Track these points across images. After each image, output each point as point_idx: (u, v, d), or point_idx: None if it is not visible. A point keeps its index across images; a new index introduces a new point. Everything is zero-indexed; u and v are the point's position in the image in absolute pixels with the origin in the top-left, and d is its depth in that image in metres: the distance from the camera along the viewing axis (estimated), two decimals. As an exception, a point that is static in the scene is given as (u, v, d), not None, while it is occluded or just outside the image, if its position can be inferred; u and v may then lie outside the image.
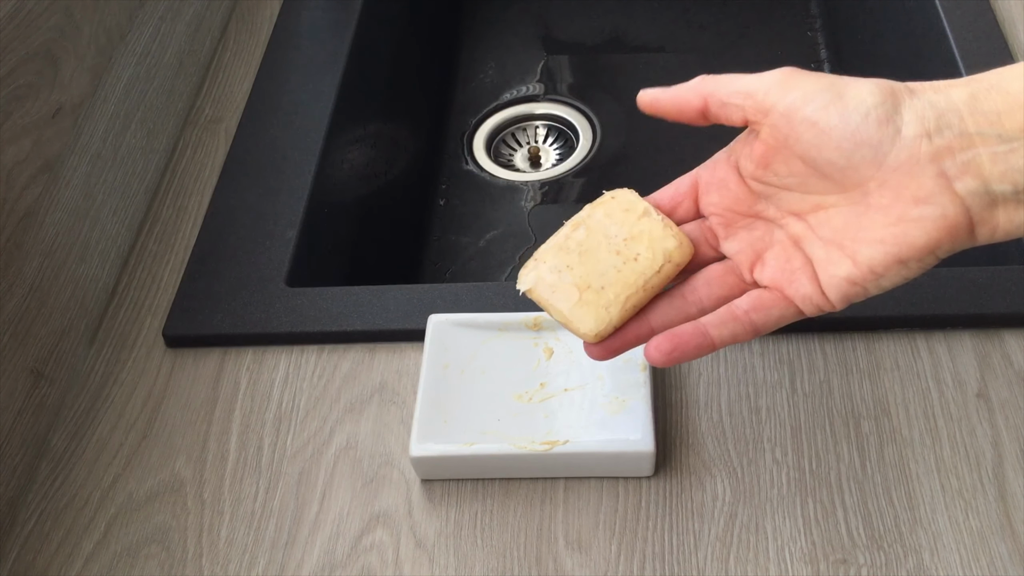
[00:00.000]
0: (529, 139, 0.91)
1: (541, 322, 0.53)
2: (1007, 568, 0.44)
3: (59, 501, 0.51)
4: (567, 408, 0.50)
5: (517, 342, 0.53)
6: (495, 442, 0.48)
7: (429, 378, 0.51)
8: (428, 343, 0.52)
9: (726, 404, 0.51)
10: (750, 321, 0.41)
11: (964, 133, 0.36)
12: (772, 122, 0.39)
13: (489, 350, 0.52)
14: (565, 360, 0.52)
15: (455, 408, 0.50)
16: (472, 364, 0.52)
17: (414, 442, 0.48)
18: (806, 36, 0.95)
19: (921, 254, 0.37)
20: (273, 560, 0.47)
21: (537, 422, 0.49)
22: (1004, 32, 0.67)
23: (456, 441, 0.48)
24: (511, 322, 0.53)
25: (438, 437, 0.49)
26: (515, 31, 0.99)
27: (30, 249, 0.53)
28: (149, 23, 0.66)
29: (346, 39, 0.74)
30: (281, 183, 0.64)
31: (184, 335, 0.56)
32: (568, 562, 0.46)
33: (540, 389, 0.51)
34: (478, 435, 0.49)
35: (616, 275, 0.42)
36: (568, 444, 0.48)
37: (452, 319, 0.53)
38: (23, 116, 0.53)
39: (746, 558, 0.46)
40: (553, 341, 0.53)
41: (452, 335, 0.53)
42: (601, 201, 0.44)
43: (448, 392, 0.51)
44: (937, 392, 0.51)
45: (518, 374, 0.52)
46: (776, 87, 0.39)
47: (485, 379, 0.51)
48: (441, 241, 0.83)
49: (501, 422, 0.50)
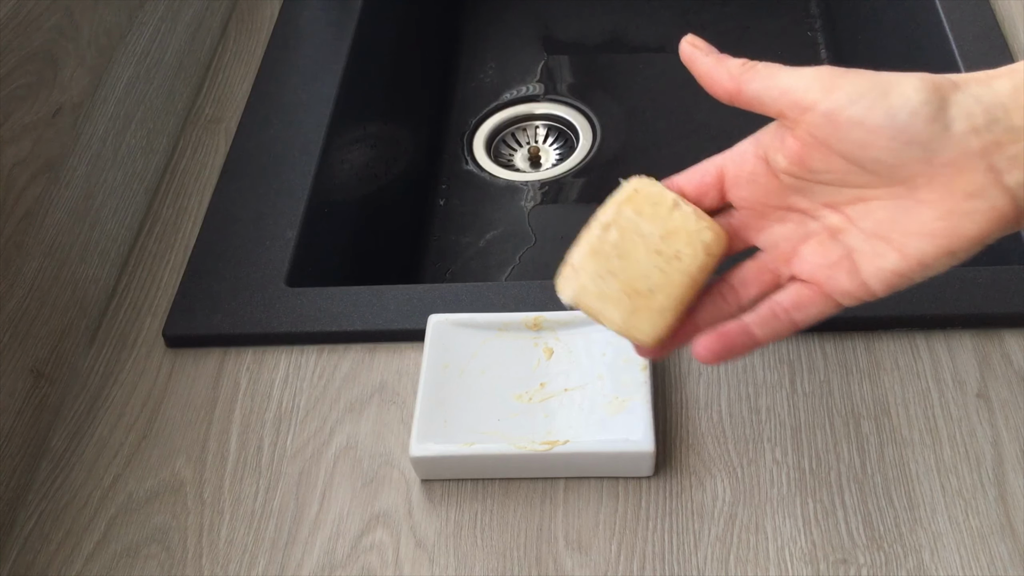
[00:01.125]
0: (529, 139, 0.91)
1: (541, 322, 0.53)
2: (1007, 568, 0.44)
3: (59, 501, 0.51)
4: (567, 408, 0.50)
5: (517, 342, 0.53)
6: (495, 442, 0.48)
7: (429, 378, 0.51)
8: (428, 343, 0.52)
9: (726, 404, 0.51)
10: (791, 320, 0.41)
11: (1011, 127, 0.35)
12: (811, 120, 0.38)
13: (489, 350, 0.52)
14: (565, 360, 0.52)
15: (455, 408, 0.50)
16: (472, 364, 0.52)
17: (414, 442, 0.48)
18: (806, 36, 0.95)
19: (972, 244, 0.37)
20: (273, 560, 0.47)
21: (537, 422, 0.49)
22: (1004, 32, 0.67)
23: (456, 441, 0.48)
24: (511, 322, 0.53)
25: (438, 437, 0.48)
26: (515, 31, 0.99)
27: (30, 249, 0.53)
28: (149, 23, 0.66)
29: (346, 39, 0.74)
30: (281, 183, 0.64)
31: (184, 335, 0.56)
32: (568, 562, 0.46)
33: (540, 389, 0.51)
34: (478, 435, 0.49)
35: (662, 276, 0.41)
36: (568, 444, 0.48)
37: (452, 319, 0.53)
38: (23, 116, 0.53)
39: (746, 558, 0.46)
40: (553, 341, 0.53)
41: (452, 335, 0.52)
42: (626, 196, 0.42)
43: (448, 392, 0.50)
44: (937, 392, 0.51)
45: (518, 374, 0.52)
46: (816, 85, 0.38)
47: (485, 379, 0.51)
48: (441, 241, 0.83)
49: (501, 422, 0.50)
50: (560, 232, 0.82)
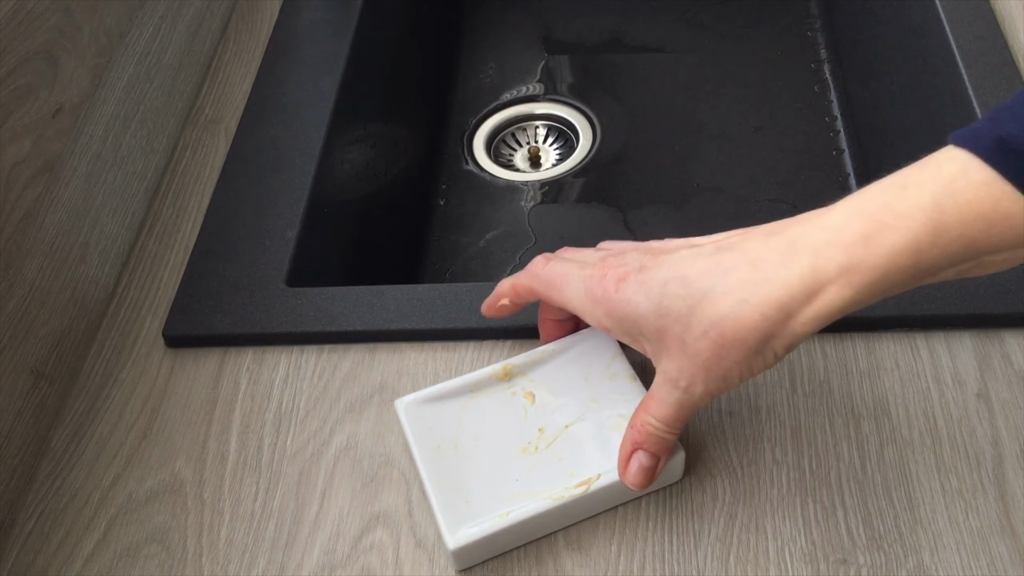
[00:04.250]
0: (529, 139, 0.91)
1: (511, 370, 0.50)
2: (1007, 568, 0.44)
3: (59, 501, 0.51)
4: (577, 444, 0.48)
5: (494, 397, 0.50)
6: (527, 502, 0.45)
7: (427, 464, 0.48)
8: (408, 430, 0.49)
9: (726, 404, 0.51)
10: None
11: (788, 320, 0.39)
12: None
13: (471, 415, 0.49)
14: (551, 399, 0.50)
15: (468, 485, 0.47)
16: (461, 436, 0.49)
17: (447, 534, 0.45)
18: (806, 36, 0.95)
19: None
20: (273, 560, 0.47)
21: (556, 468, 0.47)
22: (1004, 32, 0.67)
23: (489, 515, 0.45)
24: (480, 380, 0.50)
25: (468, 520, 0.45)
26: (515, 31, 0.99)
27: (30, 249, 0.53)
28: (149, 23, 0.66)
29: (346, 39, 0.74)
30: (281, 183, 0.64)
31: (184, 335, 0.56)
32: (568, 562, 0.46)
33: (541, 435, 0.48)
34: (506, 502, 0.46)
35: None
36: (602, 478, 0.46)
37: (420, 398, 0.50)
38: (23, 116, 0.53)
39: (746, 558, 0.46)
40: (529, 384, 0.50)
41: (427, 414, 0.49)
42: None
43: (452, 472, 0.47)
44: (937, 392, 0.51)
45: (511, 429, 0.49)
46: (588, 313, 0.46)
47: (482, 445, 0.48)
48: (441, 241, 0.83)
49: (520, 482, 0.47)
50: (560, 232, 0.82)
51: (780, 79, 0.91)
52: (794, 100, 0.89)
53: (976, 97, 0.62)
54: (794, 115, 0.88)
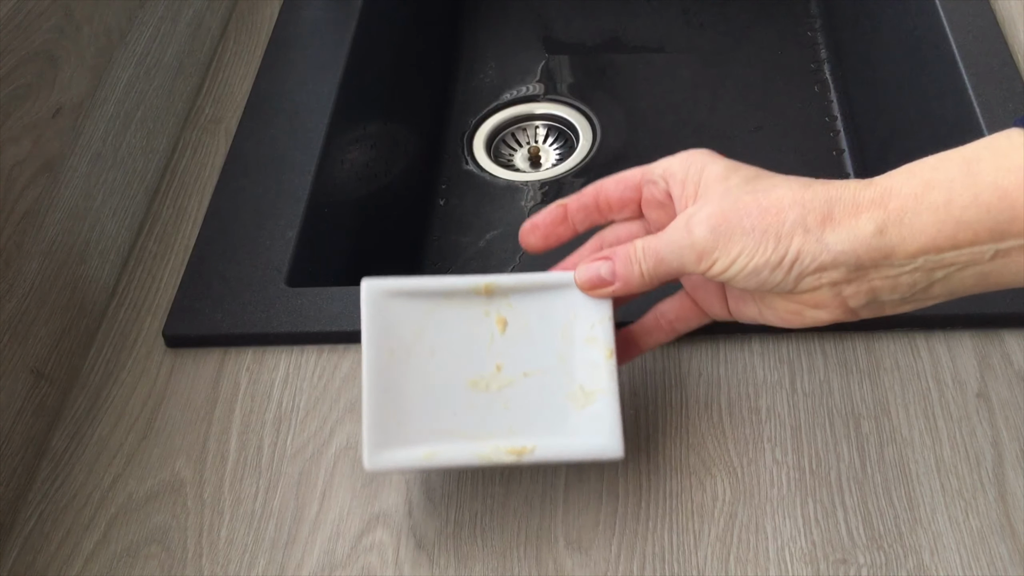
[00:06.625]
0: (529, 139, 0.91)
1: (493, 288, 0.47)
2: (1007, 568, 0.44)
3: (59, 501, 0.51)
4: (528, 399, 0.46)
5: (466, 311, 0.47)
6: (455, 444, 0.45)
7: (374, 368, 0.45)
8: (367, 321, 0.46)
9: (726, 404, 0.51)
10: (673, 329, 0.50)
11: (860, 267, 0.40)
12: None
13: (436, 324, 0.46)
14: (521, 334, 0.47)
15: (406, 405, 0.45)
16: (419, 345, 0.46)
17: (367, 454, 0.44)
18: (806, 36, 0.95)
19: (810, 325, 0.45)
20: (273, 560, 0.47)
21: (497, 416, 0.45)
22: (1004, 32, 0.67)
23: (413, 445, 0.44)
24: (459, 288, 0.47)
25: (393, 444, 0.44)
26: (515, 31, 0.99)
27: (30, 249, 0.53)
28: (149, 23, 0.66)
29: (346, 39, 0.74)
30: (281, 183, 0.64)
31: (184, 335, 0.56)
32: (568, 562, 0.46)
33: (497, 373, 0.46)
34: (436, 435, 0.45)
35: None
36: (536, 452, 0.45)
37: (389, 287, 0.46)
38: (23, 116, 0.53)
39: (746, 558, 0.46)
40: (506, 309, 0.47)
41: (392, 308, 0.46)
42: None
43: (396, 385, 0.45)
44: (937, 392, 0.51)
45: (471, 353, 0.46)
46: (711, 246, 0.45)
47: (435, 362, 0.46)
48: (441, 241, 0.83)
49: (457, 417, 0.45)
50: (560, 232, 0.82)
51: (780, 79, 0.91)
52: (794, 100, 0.89)
53: (976, 97, 0.62)
54: (794, 115, 0.88)
